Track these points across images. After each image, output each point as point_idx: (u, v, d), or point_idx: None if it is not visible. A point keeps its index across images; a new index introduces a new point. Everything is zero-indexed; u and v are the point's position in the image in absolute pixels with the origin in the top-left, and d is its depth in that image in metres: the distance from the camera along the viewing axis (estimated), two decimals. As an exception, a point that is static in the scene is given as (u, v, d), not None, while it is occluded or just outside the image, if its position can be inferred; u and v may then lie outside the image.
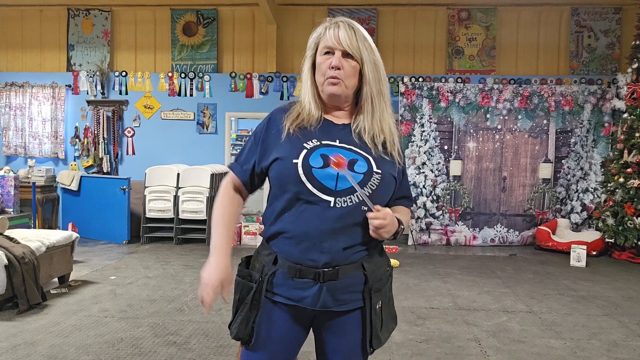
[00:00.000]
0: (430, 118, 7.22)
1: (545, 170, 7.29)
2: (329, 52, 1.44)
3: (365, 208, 1.39)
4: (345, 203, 1.38)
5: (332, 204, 1.37)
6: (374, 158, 1.44)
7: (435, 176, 7.25)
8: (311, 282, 1.40)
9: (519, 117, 7.23)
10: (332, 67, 1.42)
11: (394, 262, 5.80)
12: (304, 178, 1.38)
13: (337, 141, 1.46)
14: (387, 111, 1.50)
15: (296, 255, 1.41)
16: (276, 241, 1.45)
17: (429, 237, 7.26)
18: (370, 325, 1.45)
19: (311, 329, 1.54)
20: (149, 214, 7.01)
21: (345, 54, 1.43)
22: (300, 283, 1.41)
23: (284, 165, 1.41)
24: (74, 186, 7.32)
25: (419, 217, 7.20)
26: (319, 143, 1.44)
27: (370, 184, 1.40)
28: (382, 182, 1.43)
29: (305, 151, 1.41)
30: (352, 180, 1.36)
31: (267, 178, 1.52)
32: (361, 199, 1.39)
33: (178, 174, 7.05)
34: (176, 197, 6.96)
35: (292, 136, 1.45)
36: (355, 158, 1.42)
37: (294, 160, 1.40)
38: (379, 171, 1.42)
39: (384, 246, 1.59)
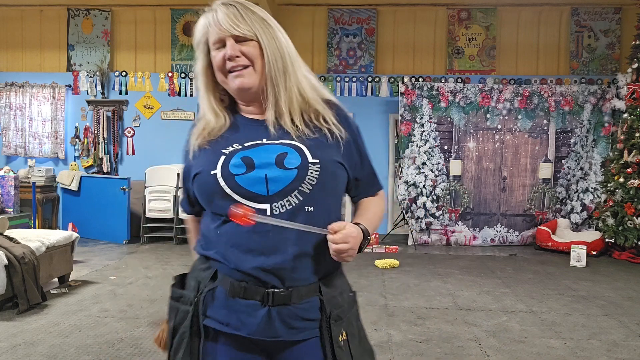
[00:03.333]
0: (430, 118, 7.22)
1: (545, 170, 7.29)
2: (221, 45, 1.21)
3: (311, 209, 1.16)
4: (284, 207, 1.15)
5: (268, 212, 1.15)
6: (309, 145, 1.19)
7: (435, 176, 7.25)
8: (258, 304, 1.15)
9: (519, 117, 7.23)
10: (229, 59, 1.19)
11: (393, 262, 5.80)
12: (228, 190, 1.15)
13: (264, 139, 1.22)
14: (304, 84, 1.24)
15: (240, 271, 1.16)
16: (215, 254, 1.21)
17: (429, 237, 7.26)
18: None
19: None
20: (149, 214, 7.01)
21: (239, 39, 1.19)
22: (244, 305, 1.16)
23: (203, 179, 1.20)
24: (74, 186, 7.32)
25: (419, 217, 7.20)
26: (240, 146, 1.21)
27: (309, 179, 1.16)
28: (324, 173, 1.17)
29: (223, 157, 1.19)
30: (278, 222, 1.12)
31: None
32: (300, 200, 1.16)
33: (178, 174, 7.05)
34: (176, 197, 6.96)
35: (205, 148, 1.24)
36: (284, 151, 1.18)
37: (212, 172, 1.18)
38: (316, 161, 1.17)
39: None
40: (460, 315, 4.09)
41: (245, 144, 1.21)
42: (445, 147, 7.27)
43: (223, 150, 1.21)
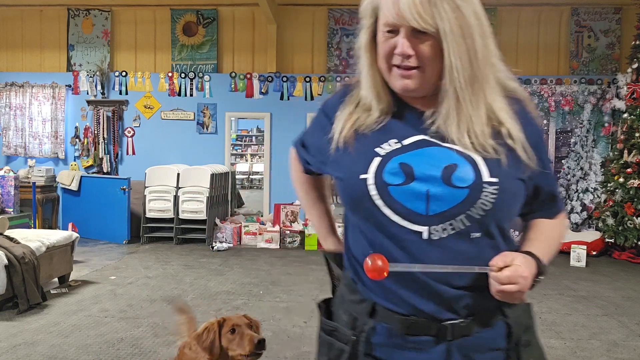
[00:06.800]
0: (430, 118, 7.21)
1: (545, 170, 7.29)
2: (393, 30, 0.94)
3: (477, 235, 0.94)
4: (445, 232, 0.93)
5: (425, 236, 0.93)
6: (486, 157, 0.94)
7: (435, 176, 7.25)
8: (432, 339, 0.96)
9: (519, 117, 7.23)
10: (399, 54, 0.94)
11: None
12: (379, 201, 0.95)
13: (425, 135, 0.98)
14: (492, 88, 0.98)
15: (404, 305, 0.96)
16: (365, 282, 1.01)
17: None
18: None
19: None
20: (149, 214, 7.01)
21: (416, 31, 0.92)
22: (415, 342, 0.96)
23: (348, 183, 0.99)
24: (74, 186, 7.32)
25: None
26: (399, 144, 0.98)
27: (482, 203, 0.92)
28: (502, 196, 0.93)
29: (378, 160, 0.97)
30: (424, 268, 0.92)
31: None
32: (465, 223, 0.93)
33: (178, 174, 7.05)
34: (176, 197, 6.95)
35: (350, 142, 1.02)
36: (454, 162, 0.94)
37: (362, 176, 0.96)
38: (494, 180, 0.93)
39: None
40: (460, 315, 4.09)
41: (404, 142, 0.98)
42: (445, 147, 7.27)
43: (377, 150, 0.98)
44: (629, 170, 6.52)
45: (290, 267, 5.70)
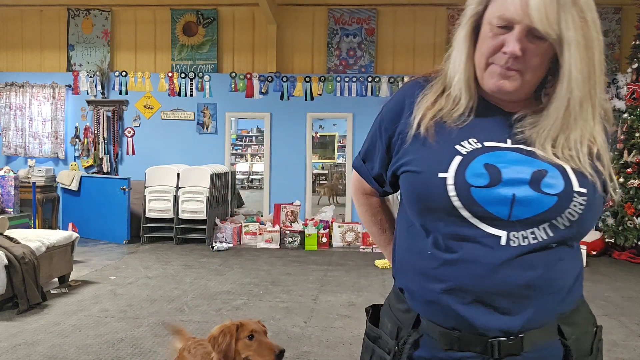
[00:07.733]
0: (430, 118, 7.21)
1: (545, 170, 7.29)
2: (506, 26, 0.88)
3: (554, 245, 0.89)
4: (526, 240, 0.87)
5: (503, 241, 0.87)
6: (575, 168, 0.89)
7: (435, 176, 7.24)
8: (475, 356, 0.89)
9: (519, 117, 7.22)
10: (507, 54, 0.88)
11: (386, 262, 5.79)
12: (457, 202, 0.88)
13: (509, 141, 0.93)
14: (595, 120, 0.92)
15: (450, 317, 0.91)
16: (413, 292, 0.97)
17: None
18: None
19: None
20: (149, 214, 7.01)
21: (532, 33, 0.86)
22: (457, 359, 0.91)
23: (423, 179, 0.92)
24: (74, 186, 7.33)
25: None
26: (480, 145, 0.92)
27: (570, 213, 0.87)
28: (589, 209, 0.88)
29: (459, 159, 0.91)
30: None
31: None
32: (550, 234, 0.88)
33: (178, 174, 7.05)
34: (176, 197, 6.96)
35: (430, 133, 0.96)
36: (544, 169, 0.89)
37: (441, 174, 0.90)
38: (583, 190, 0.88)
39: None
40: (460, 315, 4.08)
41: (485, 143, 0.92)
42: (445, 147, 7.26)
43: (458, 147, 0.92)
44: (629, 170, 6.52)
45: (290, 267, 5.70)
